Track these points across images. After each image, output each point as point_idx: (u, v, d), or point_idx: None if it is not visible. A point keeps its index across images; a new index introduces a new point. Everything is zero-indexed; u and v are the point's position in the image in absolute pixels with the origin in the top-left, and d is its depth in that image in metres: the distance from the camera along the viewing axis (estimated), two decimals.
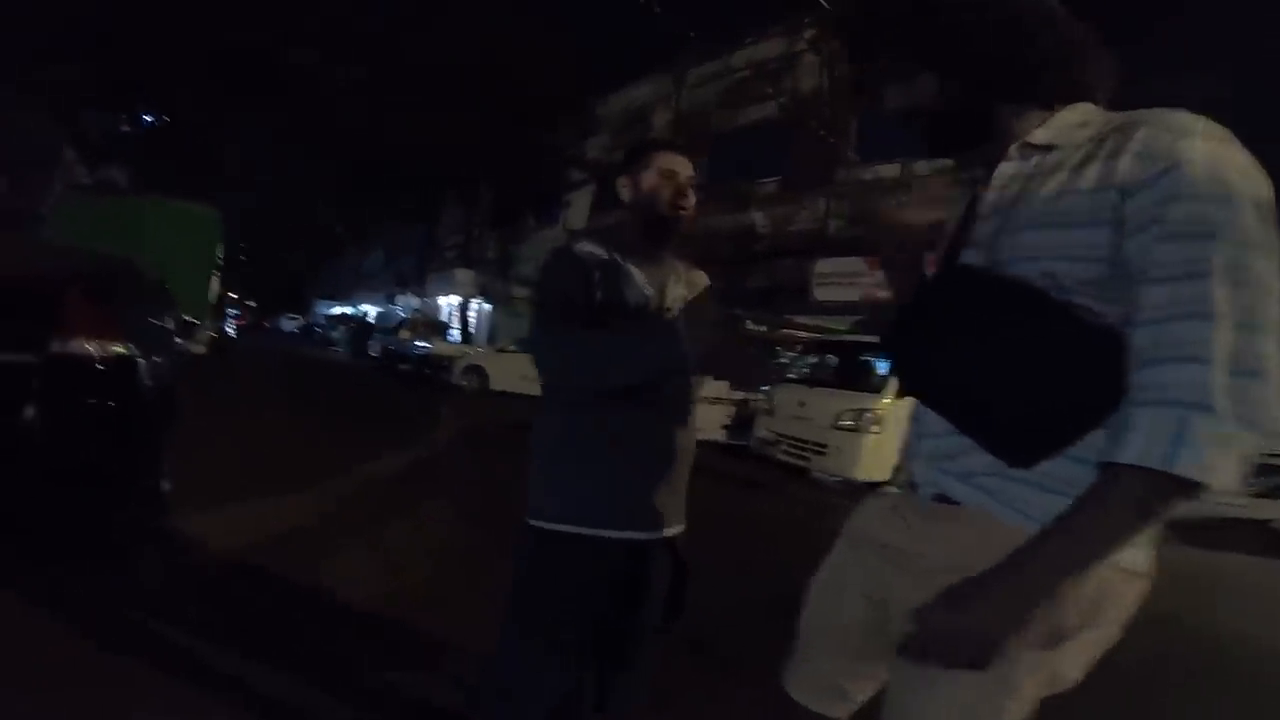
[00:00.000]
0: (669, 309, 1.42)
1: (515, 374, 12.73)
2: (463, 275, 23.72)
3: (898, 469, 1.03)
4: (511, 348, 14.06)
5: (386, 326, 23.53)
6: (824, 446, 7.01)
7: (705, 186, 15.88)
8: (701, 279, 1.55)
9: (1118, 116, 0.81)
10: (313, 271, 49.19)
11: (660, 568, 1.40)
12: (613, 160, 18.73)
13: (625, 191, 1.46)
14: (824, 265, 12.38)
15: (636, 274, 1.39)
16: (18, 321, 2.24)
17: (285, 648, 2.19)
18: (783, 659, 1.08)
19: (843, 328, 11.61)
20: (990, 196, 0.88)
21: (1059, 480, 0.78)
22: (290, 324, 39.55)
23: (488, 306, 23.22)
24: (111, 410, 2.41)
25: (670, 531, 1.40)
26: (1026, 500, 0.80)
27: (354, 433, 7.15)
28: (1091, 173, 0.77)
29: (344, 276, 42.81)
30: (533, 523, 1.34)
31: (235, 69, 19.20)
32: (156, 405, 3.01)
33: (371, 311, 34.63)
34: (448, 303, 25.39)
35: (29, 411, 2.19)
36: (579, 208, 19.98)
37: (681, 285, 1.48)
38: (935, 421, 0.88)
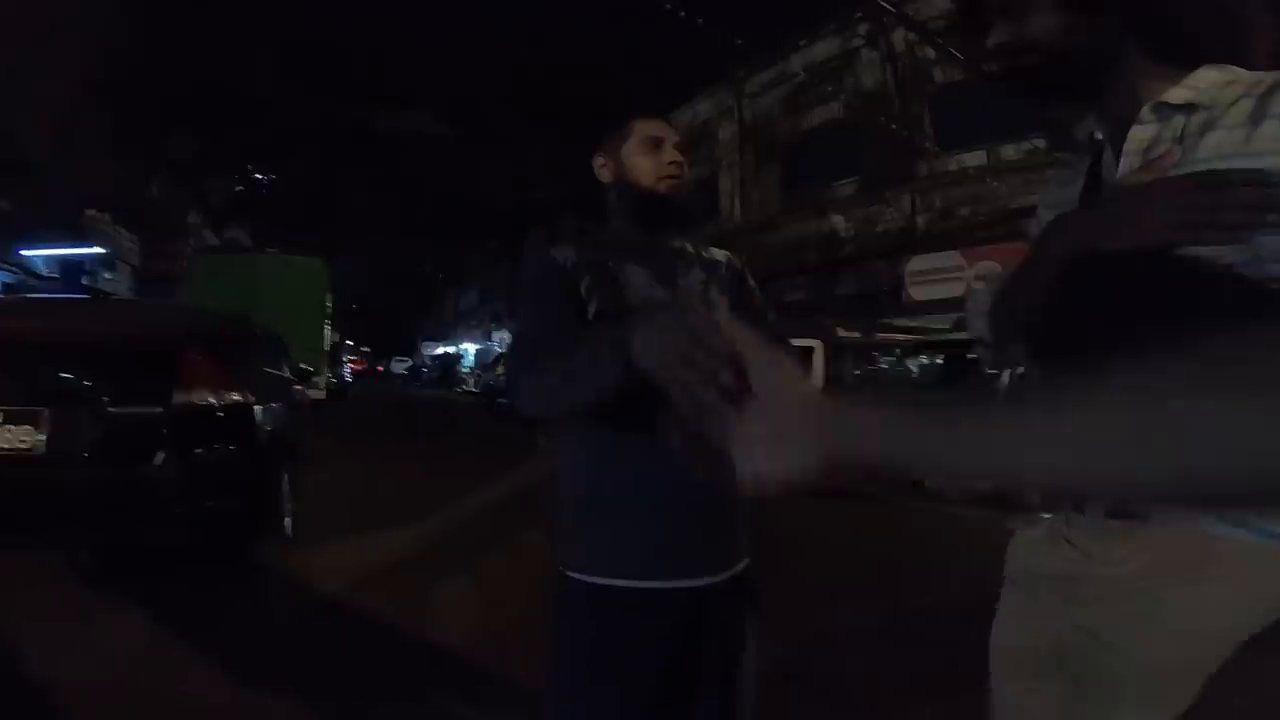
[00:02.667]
0: (686, 301, 1.16)
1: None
2: None
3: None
4: None
5: (486, 362, 24.72)
6: None
7: (781, 195, 15.66)
8: (722, 255, 1.30)
9: (1268, 74, 0.70)
10: (418, 316, 52.53)
11: (731, 610, 1.18)
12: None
13: (605, 172, 1.25)
14: (916, 263, 11.75)
15: (636, 271, 1.15)
16: (145, 377, 2.50)
17: (387, 679, 2.26)
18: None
19: (944, 326, 10.95)
20: (1126, 163, 0.77)
21: None
22: (400, 366, 42.21)
23: None
24: (232, 455, 2.63)
25: (732, 571, 1.17)
26: None
27: (457, 466, 7.47)
28: (1267, 131, 0.67)
29: (446, 318, 45.39)
30: (568, 574, 1.14)
31: (335, 132, 21.12)
32: (276, 448, 3.24)
33: (471, 349, 36.47)
34: None
35: (159, 457, 2.42)
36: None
37: (696, 270, 1.23)
38: None
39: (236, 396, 2.65)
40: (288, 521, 3.58)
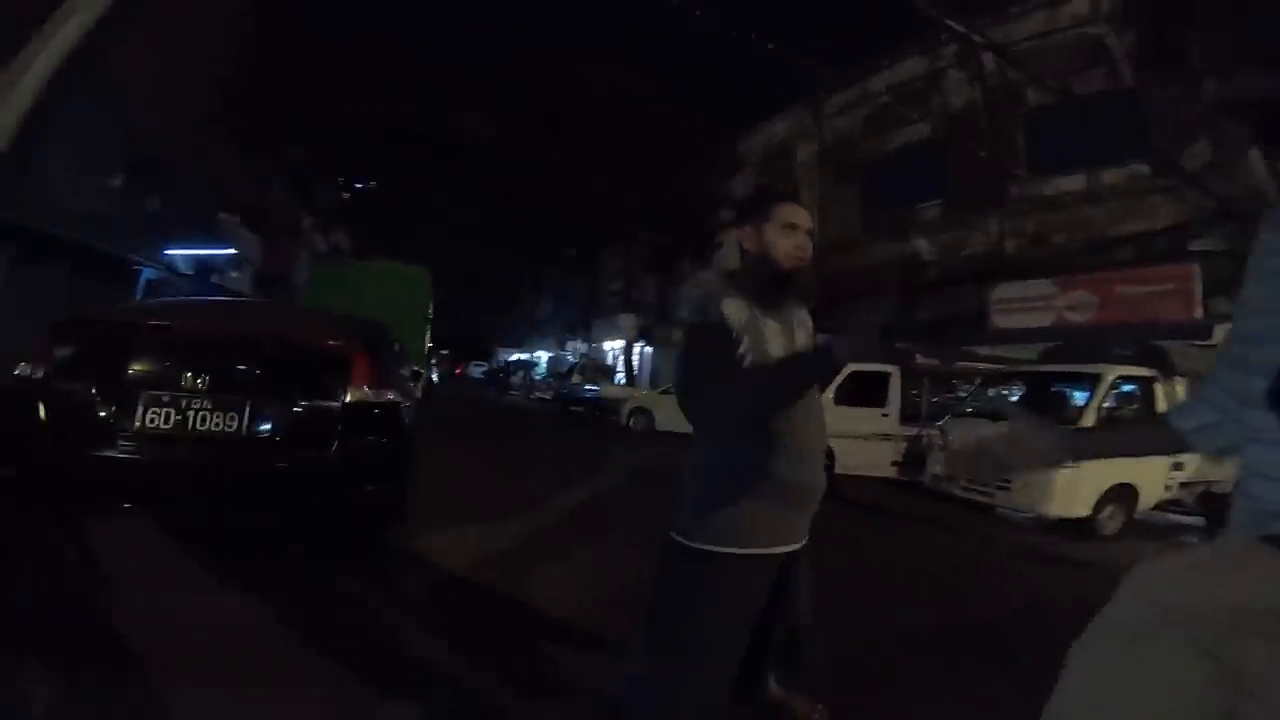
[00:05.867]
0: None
1: (680, 415, 13.16)
2: (625, 320, 25.04)
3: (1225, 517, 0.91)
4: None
5: (560, 371, 25.50)
6: (1008, 481, 6.52)
7: (861, 216, 15.55)
8: (806, 315, 1.71)
9: None
10: (495, 321, 54.45)
11: (795, 572, 1.64)
12: (732, 208, 19.27)
13: (747, 243, 1.60)
14: (1004, 290, 11.48)
15: (771, 327, 1.55)
16: (324, 376, 2.99)
17: (498, 644, 2.66)
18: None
19: (1030, 356, 10.65)
20: None
21: None
22: (477, 370, 43.83)
23: (649, 349, 24.17)
24: (386, 446, 3.09)
25: (800, 545, 1.63)
26: None
27: (542, 467, 7.99)
28: None
29: (521, 325, 46.88)
30: (690, 544, 1.51)
31: (429, 142, 22.39)
32: (411, 443, 3.71)
33: (544, 356, 37.62)
34: (612, 346, 26.84)
35: (334, 446, 2.90)
36: (730, 247, 20.37)
37: (804, 329, 1.66)
38: None
39: (390, 396, 3.12)
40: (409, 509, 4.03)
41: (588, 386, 19.61)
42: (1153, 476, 6.36)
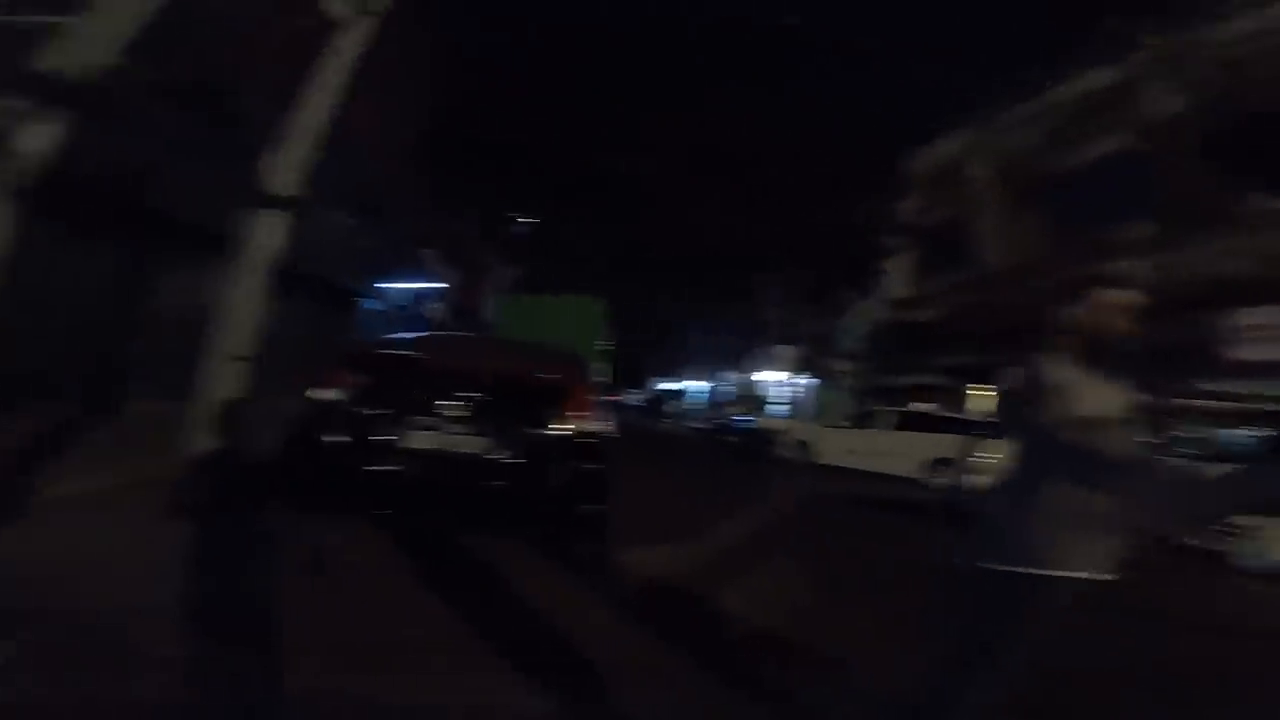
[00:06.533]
0: (1114, 418, 1.71)
1: (841, 448, 12.78)
2: (783, 351, 24.77)
3: None
4: (844, 423, 14.15)
5: (718, 402, 25.76)
6: (1240, 529, 5.80)
7: (1049, 237, 14.20)
8: (1127, 388, 1.80)
9: None
10: (650, 351, 56.14)
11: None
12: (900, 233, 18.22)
13: (1083, 319, 1.77)
14: (1246, 317, 9.96)
15: (1091, 391, 1.70)
16: (550, 406, 3.49)
17: (704, 650, 2.91)
18: None
19: (1273, 393, 9.12)
20: None
21: None
22: (633, 398, 45.32)
23: (809, 381, 23.66)
24: (596, 471, 3.52)
25: (1106, 575, 1.72)
26: None
27: (708, 493, 8.31)
28: None
29: (676, 355, 47.91)
30: (998, 567, 1.70)
31: (594, 178, 24.02)
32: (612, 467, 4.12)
33: (694, 386, 38.16)
34: (769, 378, 26.63)
35: (556, 468, 3.37)
36: (897, 274, 19.47)
37: (1122, 394, 1.78)
38: None
39: (601, 426, 3.56)
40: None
41: (743, 417, 19.60)
42: None
